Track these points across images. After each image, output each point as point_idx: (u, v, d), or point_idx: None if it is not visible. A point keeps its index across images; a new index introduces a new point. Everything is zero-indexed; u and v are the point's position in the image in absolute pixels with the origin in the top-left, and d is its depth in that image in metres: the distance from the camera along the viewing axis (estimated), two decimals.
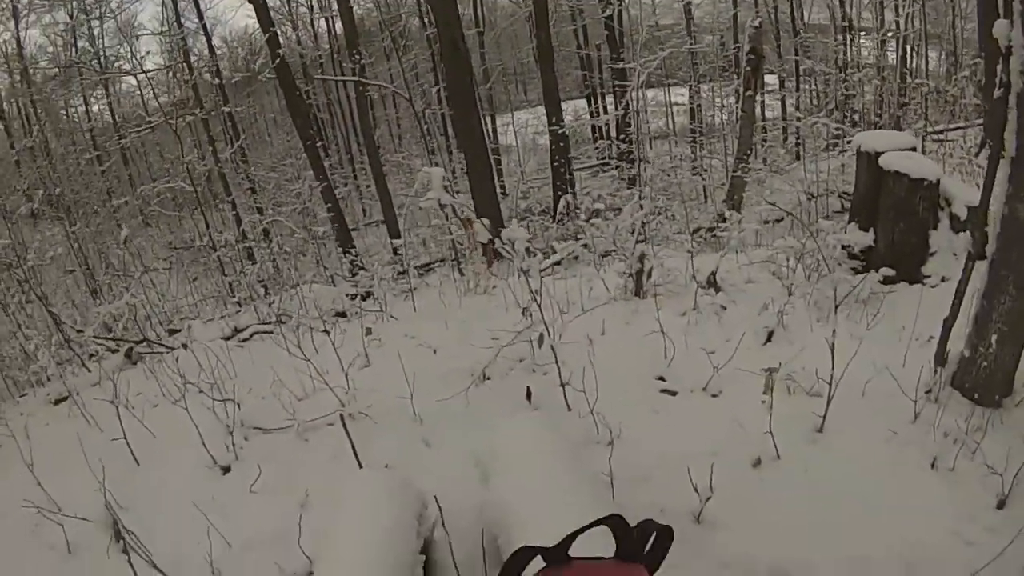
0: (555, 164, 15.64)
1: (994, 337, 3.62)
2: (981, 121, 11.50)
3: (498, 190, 14.73)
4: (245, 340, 7.48)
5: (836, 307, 4.00)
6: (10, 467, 4.63)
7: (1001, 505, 3.19)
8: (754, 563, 2.99)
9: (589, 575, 1.54)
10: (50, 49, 23.45)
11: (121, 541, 3.24)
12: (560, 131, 15.25)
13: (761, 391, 3.80)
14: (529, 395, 4.57)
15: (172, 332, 8.86)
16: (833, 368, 3.68)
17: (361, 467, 4.01)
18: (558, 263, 8.37)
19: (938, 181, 5.42)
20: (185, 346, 6.96)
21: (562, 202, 13.67)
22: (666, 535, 1.57)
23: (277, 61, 13.01)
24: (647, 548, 1.56)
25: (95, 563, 3.51)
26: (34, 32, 25.56)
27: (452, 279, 8.07)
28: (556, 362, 4.39)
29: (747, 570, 2.95)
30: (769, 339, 4.96)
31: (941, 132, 11.80)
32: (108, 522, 3.25)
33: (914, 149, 5.69)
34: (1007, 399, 3.81)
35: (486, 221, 3.95)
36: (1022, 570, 2.79)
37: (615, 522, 1.54)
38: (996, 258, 3.57)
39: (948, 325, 3.96)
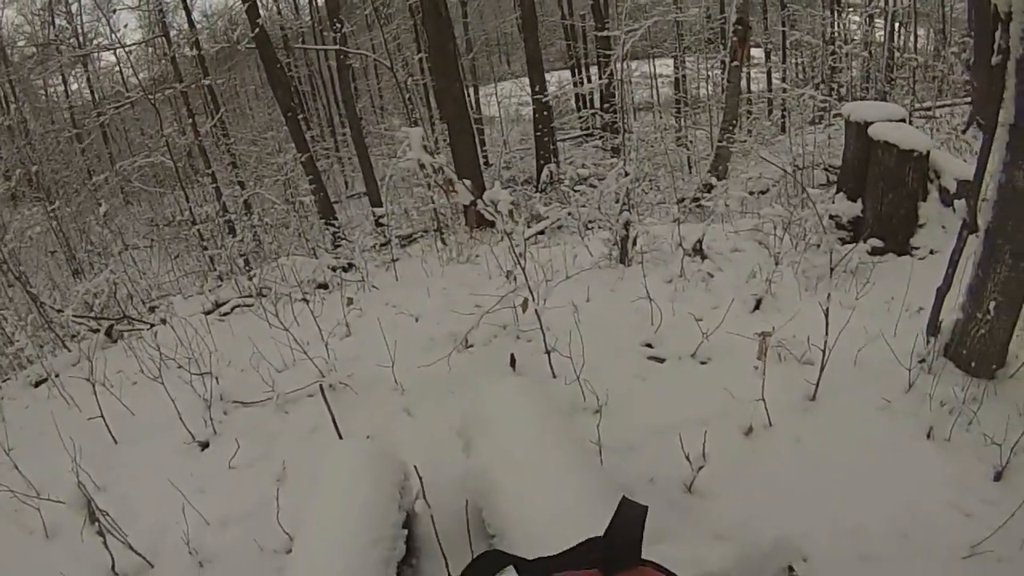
0: (538, 134, 15.55)
1: (992, 305, 3.54)
2: (969, 99, 11.47)
3: (481, 160, 14.61)
4: (226, 314, 7.36)
5: (832, 270, 3.91)
6: None
7: (998, 477, 3.13)
8: (748, 534, 2.91)
9: None
10: (27, 28, 23.26)
11: (96, 523, 3.15)
12: (544, 100, 15.13)
13: (750, 358, 3.73)
14: (513, 362, 4.48)
15: (152, 309, 8.74)
16: (827, 334, 3.61)
17: (341, 438, 3.93)
18: (542, 232, 8.29)
19: (928, 153, 5.36)
20: (164, 321, 6.85)
21: (545, 171, 13.59)
22: (643, 515, 1.43)
23: (256, 31, 12.76)
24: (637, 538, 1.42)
25: (74, 546, 3.41)
26: (10, 12, 25.33)
27: (435, 249, 8.00)
28: (541, 328, 4.30)
29: (741, 541, 2.87)
30: (757, 307, 4.89)
31: (928, 109, 11.75)
32: (82, 504, 3.16)
33: (904, 120, 5.62)
34: (1000, 371, 3.76)
35: (468, 182, 3.82)
36: (1022, 545, 2.73)
37: (588, 551, 1.40)
38: (992, 227, 3.49)
39: (942, 294, 3.89)
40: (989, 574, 2.69)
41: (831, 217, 5.67)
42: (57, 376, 5.80)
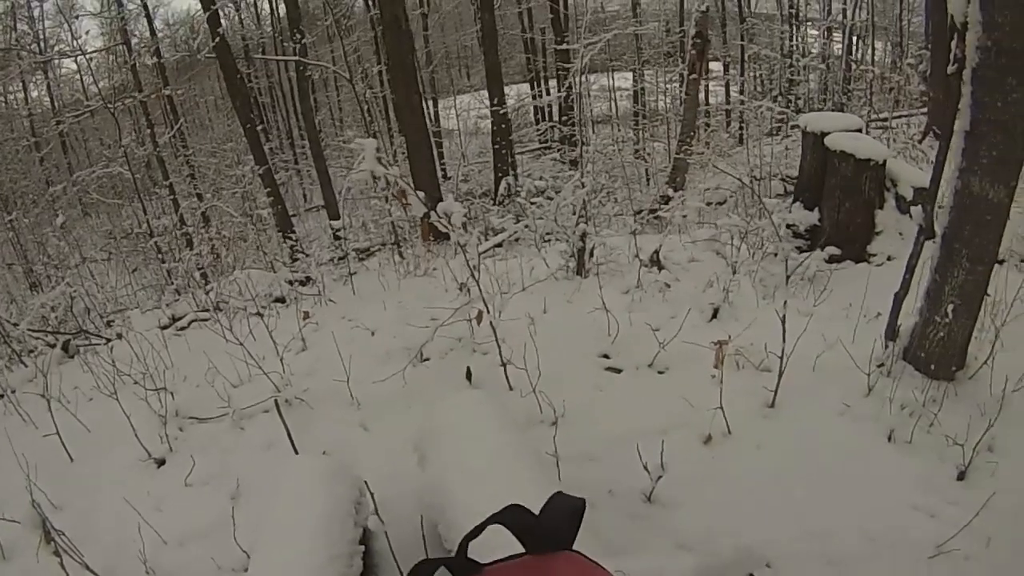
0: (497, 147, 15.53)
1: (950, 308, 3.58)
2: (925, 109, 11.66)
3: (439, 172, 14.58)
4: (183, 329, 7.28)
5: (788, 277, 3.94)
6: None
7: (961, 477, 3.16)
8: (709, 542, 2.90)
9: None
10: None
11: (52, 543, 3.08)
12: (503, 112, 15.14)
13: (708, 367, 3.76)
14: (469, 375, 4.46)
15: (109, 323, 8.63)
16: (784, 341, 3.63)
17: (297, 454, 3.88)
18: (499, 245, 8.28)
19: (885, 162, 5.44)
20: (120, 335, 6.75)
21: (503, 184, 13.58)
22: (580, 509, 1.43)
23: (217, 40, 12.64)
24: (570, 527, 1.41)
25: (29, 567, 3.32)
26: None
27: (392, 262, 7.96)
28: (496, 340, 4.28)
29: (702, 550, 2.86)
30: (715, 316, 4.91)
31: (885, 119, 11.93)
32: (37, 523, 3.08)
33: (860, 131, 5.69)
34: (960, 372, 3.81)
35: (421, 194, 3.80)
36: (988, 542, 2.76)
37: (513, 515, 1.39)
38: (948, 232, 3.54)
39: (899, 299, 3.93)
40: (956, 573, 2.71)
41: (788, 226, 5.72)
42: (13, 392, 5.67)
